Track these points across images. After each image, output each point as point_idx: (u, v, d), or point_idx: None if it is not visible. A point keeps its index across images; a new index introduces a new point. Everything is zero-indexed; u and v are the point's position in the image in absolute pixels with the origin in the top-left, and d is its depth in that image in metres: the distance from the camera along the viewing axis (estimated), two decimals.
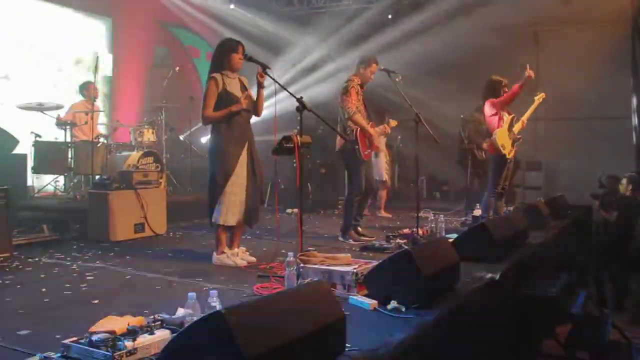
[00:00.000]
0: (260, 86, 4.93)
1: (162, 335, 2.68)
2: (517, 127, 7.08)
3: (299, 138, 4.20)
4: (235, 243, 5.15)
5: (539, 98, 7.29)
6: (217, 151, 4.95)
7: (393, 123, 7.45)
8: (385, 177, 8.86)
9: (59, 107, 7.93)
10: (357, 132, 6.05)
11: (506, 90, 7.05)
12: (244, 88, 5.04)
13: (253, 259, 5.05)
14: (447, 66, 11.15)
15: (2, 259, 5.09)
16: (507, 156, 7.04)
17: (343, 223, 6.32)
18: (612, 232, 7.66)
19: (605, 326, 5.31)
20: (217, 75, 4.94)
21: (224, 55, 5.00)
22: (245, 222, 5.07)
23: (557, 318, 4.98)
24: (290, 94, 4.32)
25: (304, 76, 11.64)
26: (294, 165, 5.64)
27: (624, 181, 7.74)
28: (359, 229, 6.35)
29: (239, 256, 5.02)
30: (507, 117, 7.05)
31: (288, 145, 4.23)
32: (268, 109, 5.04)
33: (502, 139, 6.99)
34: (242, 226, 5.14)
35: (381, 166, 8.65)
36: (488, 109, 7.08)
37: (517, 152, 7.31)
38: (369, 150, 6.21)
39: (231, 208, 4.93)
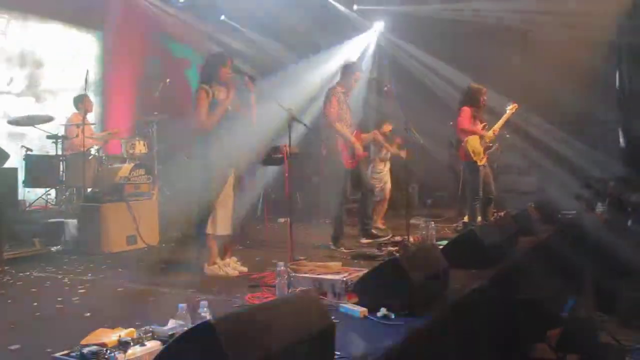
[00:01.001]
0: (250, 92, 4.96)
1: (153, 346, 2.70)
2: (488, 136, 7.17)
3: (287, 148, 4.23)
4: (227, 253, 5.17)
5: (511, 109, 7.45)
6: (206, 163, 4.99)
7: (387, 128, 7.44)
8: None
9: (49, 120, 7.93)
10: (339, 141, 6.08)
11: (485, 99, 7.18)
12: (235, 98, 5.07)
13: (244, 268, 5.07)
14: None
15: None
16: (478, 163, 7.14)
17: (333, 231, 6.32)
18: (601, 235, 7.71)
19: (596, 329, 5.36)
20: (206, 86, 4.99)
21: (212, 68, 5.05)
22: (235, 232, 5.13)
23: (548, 322, 5.02)
24: (280, 105, 4.36)
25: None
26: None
27: (611, 184, 7.83)
28: (373, 231, 6.37)
29: (230, 266, 5.04)
30: (479, 125, 7.15)
31: (277, 155, 4.27)
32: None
33: (473, 145, 7.11)
34: (233, 237, 5.16)
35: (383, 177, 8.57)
36: (462, 116, 7.13)
37: (489, 159, 7.44)
38: (354, 159, 6.22)
39: (220, 218, 4.96)
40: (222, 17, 11.57)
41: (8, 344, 3.09)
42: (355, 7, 11.55)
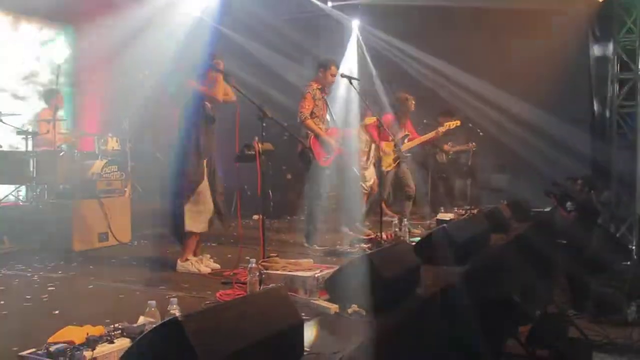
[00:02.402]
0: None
1: (122, 344, 2.68)
2: (406, 146, 7.27)
3: (260, 145, 4.23)
4: (196, 252, 5.17)
5: (452, 124, 7.64)
6: (185, 157, 4.95)
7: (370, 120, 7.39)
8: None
9: (16, 115, 7.80)
10: (312, 138, 6.09)
11: (412, 104, 7.51)
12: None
13: (217, 265, 5.06)
14: None
15: None
16: (384, 168, 7.32)
17: (305, 229, 6.32)
18: (571, 233, 7.84)
19: (565, 325, 5.45)
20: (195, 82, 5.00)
21: (203, 67, 5.01)
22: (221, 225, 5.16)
23: (519, 318, 5.09)
24: (252, 101, 4.35)
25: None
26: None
27: (579, 182, 7.98)
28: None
29: (203, 263, 5.02)
30: (400, 133, 7.26)
31: (249, 152, 4.26)
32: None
33: (385, 151, 7.30)
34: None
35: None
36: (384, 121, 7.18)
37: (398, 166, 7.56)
38: (328, 156, 6.22)
39: (196, 215, 4.94)
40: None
41: None
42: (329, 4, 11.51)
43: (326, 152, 6.14)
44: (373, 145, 7.59)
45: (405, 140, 7.17)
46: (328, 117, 6.31)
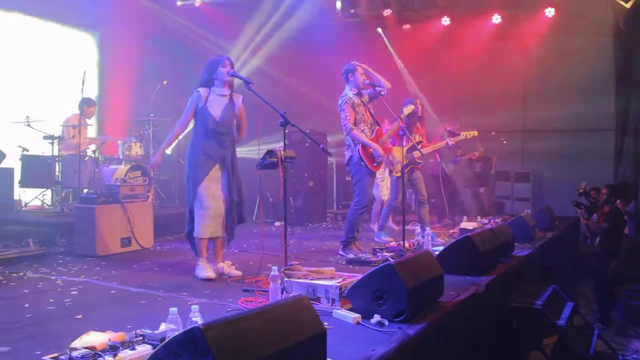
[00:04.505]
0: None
1: (143, 350, 2.68)
2: (417, 153, 7.20)
3: (282, 152, 4.21)
4: (218, 257, 5.16)
5: (469, 134, 7.62)
6: (189, 165, 5.06)
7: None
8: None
9: (43, 122, 7.92)
10: (360, 147, 6.07)
11: (419, 107, 7.51)
12: (231, 106, 5.06)
13: (239, 272, 5.06)
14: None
15: None
16: (394, 174, 7.38)
17: (344, 236, 6.23)
18: (597, 244, 7.71)
19: (591, 338, 5.34)
20: (202, 90, 5.01)
21: (211, 70, 5.04)
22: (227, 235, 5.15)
23: (544, 330, 4.99)
24: (274, 108, 4.34)
25: None
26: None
27: (605, 192, 7.85)
28: (358, 243, 6.34)
29: (224, 270, 5.04)
30: (414, 138, 7.20)
31: (272, 159, 4.24)
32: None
33: (395, 156, 7.30)
34: (223, 241, 5.17)
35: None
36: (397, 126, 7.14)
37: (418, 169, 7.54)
38: (377, 163, 6.20)
39: (204, 222, 4.98)
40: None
41: None
42: None
43: (375, 158, 6.12)
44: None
45: (419, 147, 7.11)
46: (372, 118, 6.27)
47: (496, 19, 11.33)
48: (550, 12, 10.90)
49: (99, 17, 9.85)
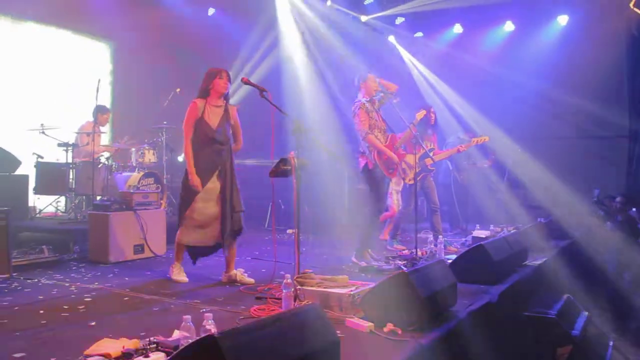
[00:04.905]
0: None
1: (157, 358, 2.69)
2: (429, 160, 7.17)
3: (296, 160, 4.22)
4: (230, 265, 5.20)
5: (480, 140, 7.61)
6: (185, 175, 5.15)
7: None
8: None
9: (59, 128, 7.98)
10: (375, 154, 6.06)
11: (433, 116, 7.51)
12: (226, 116, 5.19)
13: (251, 280, 5.07)
14: None
15: (1, 280, 5.11)
16: (406, 182, 7.38)
17: (358, 244, 6.20)
18: (612, 252, 7.64)
19: (606, 348, 5.29)
20: (199, 101, 5.12)
21: (208, 82, 5.14)
22: (220, 247, 5.23)
23: (558, 339, 4.95)
24: (287, 115, 4.35)
25: None
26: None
27: (619, 200, 7.80)
28: (370, 250, 6.33)
29: (237, 277, 5.08)
30: (426, 146, 7.17)
31: (285, 167, 4.25)
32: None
33: (408, 163, 7.26)
34: (233, 250, 5.23)
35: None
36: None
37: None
38: (392, 169, 6.20)
39: (188, 230, 5.12)
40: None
41: (13, 352, 3.08)
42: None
43: (391, 165, 6.12)
44: None
45: (431, 154, 7.09)
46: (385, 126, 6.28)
47: (508, 27, 11.33)
48: (563, 19, 10.88)
49: (114, 26, 9.91)
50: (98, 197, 7.42)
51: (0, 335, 3.48)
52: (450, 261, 4.98)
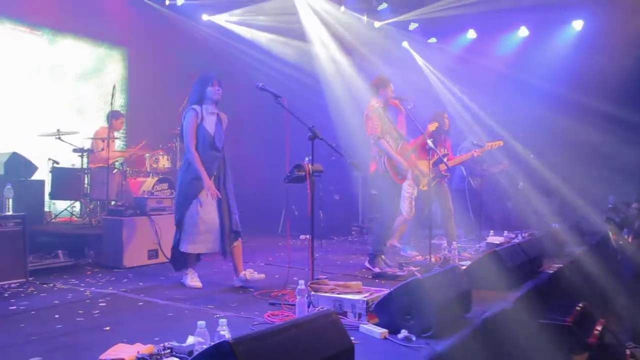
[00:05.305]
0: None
1: None
2: (443, 166, 7.14)
3: (310, 166, 4.22)
4: (239, 268, 5.24)
5: (494, 145, 7.58)
6: (181, 179, 5.22)
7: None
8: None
9: (74, 134, 8.05)
10: (385, 159, 6.05)
11: (447, 122, 7.48)
12: (219, 125, 5.25)
13: (262, 275, 5.16)
14: None
15: (17, 284, 5.17)
16: (420, 188, 7.38)
17: (371, 249, 6.20)
18: (629, 259, 7.56)
19: (623, 356, 5.23)
20: (197, 107, 5.19)
21: (201, 89, 5.21)
22: (221, 253, 5.25)
23: (573, 347, 4.90)
24: (302, 122, 4.35)
25: None
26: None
27: (635, 206, 7.72)
28: (384, 256, 6.31)
29: (247, 277, 5.14)
30: (440, 151, 7.15)
31: (300, 173, 4.25)
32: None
33: (421, 170, 7.29)
34: (238, 251, 5.27)
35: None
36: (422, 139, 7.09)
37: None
38: (401, 176, 6.18)
39: (193, 238, 5.13)
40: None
41: (30, 356, 3.10)
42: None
43: (400, 171, 6.11)
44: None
45: (445, 160, 7.07)
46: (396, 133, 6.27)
47: (523, 32, 11.29)
48: (578, 24, 10.83)
49: (128, 32, 10.00)
50: (112, 203, 7.47)
51: (17, 339, 3.51)
52: (464, 267, 4.95)
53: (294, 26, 10.89)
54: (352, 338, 2.64)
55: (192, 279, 5.19)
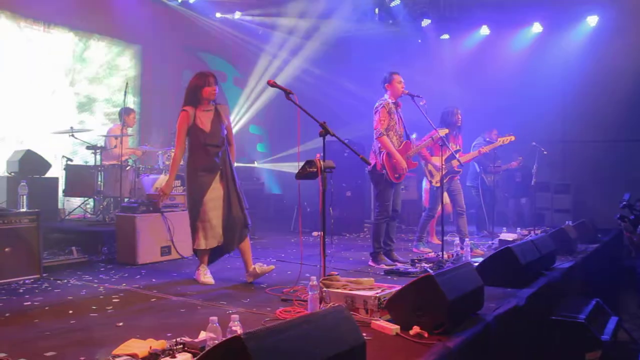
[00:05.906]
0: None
1: (184, 359, 2.71)
2: (455, 162, 7.09)
3: (322, 162, 4.22)
4: (248, 263, 5.27)
5: (506, 140, 7.54)
6: (188, 179, 5.26)
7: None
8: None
9: (87, 131, 8.11)
10: (384, 155, 6.04)
11: (459, 117, 7.37)
12: (217, 117, 5.26)
13: (271, 267, 5.19)
14: None
15: (32, 280, 5.22)
16: (433, 184, 7.43)
17: (372, 247, 6.23)
18: None
19: (637, 353, 5.20)
20: (189, 109, 5.20)
21: (196, 91, 5.21)
22: (224, 249, 5.29)
23: (587, 344, 4.87)
24: (313, 118, 4.35)
25: None
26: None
27: None
28: (394, 253, 6.30)
29: (257, 270, 5.16)
30: (452, 147, 7.11)
31: (311, 169, 4.25)
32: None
33: (435, 165, 7.33)
34: (246, 245, 5.30)
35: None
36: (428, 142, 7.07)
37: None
38: (398, 175, 6.15)
39: (204, 233, 5.17)
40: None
41: (44, 351, 3.13)
42: None
43: (397, 169, 6.08)
44: (423, 162, 7.54)
45: (457, 155, 7.03)
46: (403, 131, 6.25)
47: (536, 28, 11.22)
48: (592, 20, 10.75)
49: (141, 30, 10.05)
50: (125, 199, 7.51)
51: (32, 334, 3.54)
52: (476, 264, 4.93)
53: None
54: (364, 334, 2.64)
55: (205, 276, 5.22)
